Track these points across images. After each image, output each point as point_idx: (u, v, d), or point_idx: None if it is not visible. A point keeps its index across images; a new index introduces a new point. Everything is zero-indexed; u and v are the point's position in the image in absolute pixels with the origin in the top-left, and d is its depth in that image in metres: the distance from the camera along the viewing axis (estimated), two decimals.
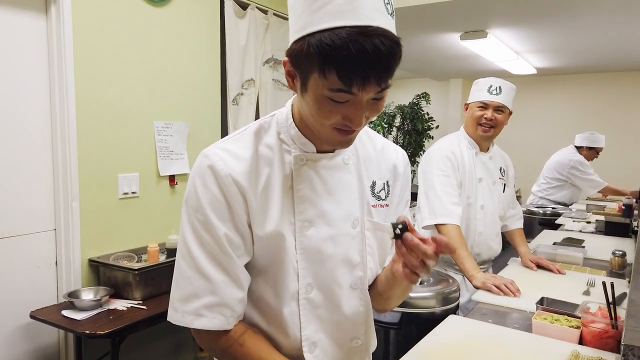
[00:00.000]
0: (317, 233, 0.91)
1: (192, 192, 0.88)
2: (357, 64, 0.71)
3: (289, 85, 0.85)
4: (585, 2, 3.32)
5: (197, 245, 0.87)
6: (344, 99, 0.76)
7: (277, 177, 0.90)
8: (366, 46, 0.71)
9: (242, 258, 0.89)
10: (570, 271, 2.10)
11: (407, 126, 6.90)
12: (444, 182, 2.07)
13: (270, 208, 0.89)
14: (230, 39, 3.08)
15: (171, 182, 2.76)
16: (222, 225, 0.86)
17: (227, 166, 0.86)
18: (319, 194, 0.92)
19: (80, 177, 2.29)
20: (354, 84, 0.73)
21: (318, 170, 0.92)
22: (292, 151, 0.91)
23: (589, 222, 3.25)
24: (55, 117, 2.24)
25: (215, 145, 0.91)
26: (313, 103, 0.79)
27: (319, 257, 0.92)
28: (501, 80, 2.12)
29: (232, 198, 0.86)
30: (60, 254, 2.30)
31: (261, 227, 0.88)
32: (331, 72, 0.73)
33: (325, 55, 0.72)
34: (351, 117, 0.79)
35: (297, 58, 0.78)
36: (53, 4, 2.18)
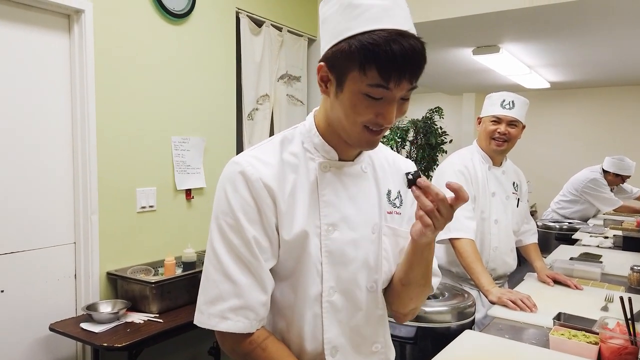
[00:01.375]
0: (341, 236, 0.96)
1: (223, 197, 0.92)
2: (396, 61, 0.80)
3: (321, 90, 0.92)
4: (598, 17, 3.33)
5: (225, 249, 0.90)
6: (380, 94, 0.83)
7: (302, 183, 0.95)
8: (404, 45, 0.80)
9: (268, 262, 0.92)
10: (587, 287, 2.08)
11: (421, 140, 6.90)
12: None
13: (297, 211, 0.93)
14: (246, 55, 3.14)
15: (187, 196, 2.80)
16: (251, 228, 0.90)
17: (257, 171, 0.91)
18: (342, 199, 0.96)
19: (99, 191, 2.34)
20: (391, 80, 0.81)
21: (340, 177, 0.97)
22: (316, 158, 0.96)
23: (607, 237, 3.21)
24: (76, 133, 2.29)
25: (244, 154, 0.96)
26: (349, 101, 0.85)
27: (342, 260, 0.96)
28: (514, 94, 2.13)
29: (262, 202, 0.90)
30: (79, 267, 2.34)
31: (288, 230, 0.92)
32: (371, 69, 0.81)
33: (367, 52, 0.80)
34: (384, 114, 0.85)
35: (335, 59, 0.86)
36: (76, 23, 2.25)
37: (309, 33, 3.68)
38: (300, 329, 0.96)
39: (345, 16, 0.85)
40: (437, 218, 0.87)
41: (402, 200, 1.08)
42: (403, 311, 1.08)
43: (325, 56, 0.89)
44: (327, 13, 0.90)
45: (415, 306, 1.07)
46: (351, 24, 0.84)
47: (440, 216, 0.87)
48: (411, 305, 1.06)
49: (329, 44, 0.88)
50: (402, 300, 1.05)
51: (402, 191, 1.09)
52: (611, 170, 4.25)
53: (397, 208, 1.06)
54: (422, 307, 1.62)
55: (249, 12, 3.14)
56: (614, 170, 4.24)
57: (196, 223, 2.85)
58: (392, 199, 1.06)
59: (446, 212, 0.87)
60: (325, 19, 0.90)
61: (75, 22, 2.25)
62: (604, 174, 4.28)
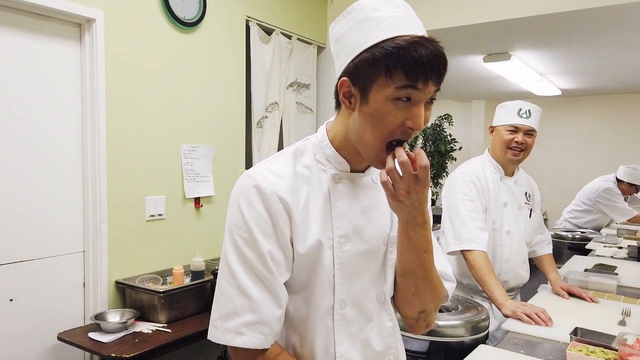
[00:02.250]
0: (354, 248, 0.95)
1: (236, 211, 0.91)
2: (422, 62, 0.81)
3: (345, 106, 0.91)
4: (609, 24, 3.29)
5: (239, 263, 0.89)
6: (408, 94, 0.83)
7: (315, 195, 0.94)
8: (428, 47, 0.82)
9: (282, 276, 0.91)
10: (603, 299, 2.03)
11: (430, 147, 6.86)
12: (468, 207, 2.04)
13: (311, 224, 0.92)
14: (255, 63, 3.14)
15: (196, 204, 2.79)
16: (265, 241, 0.89)
17: (271, 184, 0.90)
18: (354, 211, 0.96)
19: (108, 199, 2.33)
20: (418, 80, 0.82)
21: (352, 188, 0.97)
22: (328, 170, 0.96)
23: (621, 247, 3.15)
24: (86, 141, 2.30)
25: (257, 167, 0.95)
26: (376, 112, 0.85)
27: (353, 272, 0.95)
28: (529, 103, 2.10)
29: (277, 215, 0.89)
30: (88, 276, 2.33)
31: (303, 243, 0.91)
32: (397, 72, 0.81)
33: (392, 56, 0.81)
34: (413, 117, 0.84)
35: (357, 71, 0.86)
36: (87, 32, 2.26)
37: (318, 41, 3.67)
38: (312, 343, 0.94)
39: (362, 29, 0.86)
40: (397, 179, 0.85)
41: None
42: (411, 314, 1.02)
43: (346, 70, 0.89)
44: (341, 31, 0.90)
45: (423, 308, 1.01)
46: (370, 35, 0.85)
47: (399, 178, 0.85)
48: (418, 306, 1.00)
49: (347, 58, 0.88)
50: (406, 297, 1.01)
51: None
52: (625, 180, 4.18)
53: None
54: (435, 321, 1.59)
55: (258, 21, 3.14)
56: (628, 180, 4.17)
57: (205, 231, 2.84)
58: None
59: (406, 176, 0.84)
60: (340, 37, 0.91)
61: (86, 31, 2.26)
62: (618, 183, 4.22)
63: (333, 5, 3.75)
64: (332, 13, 3.75)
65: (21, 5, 2.04)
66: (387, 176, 0.86)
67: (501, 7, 3.14)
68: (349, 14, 0.90)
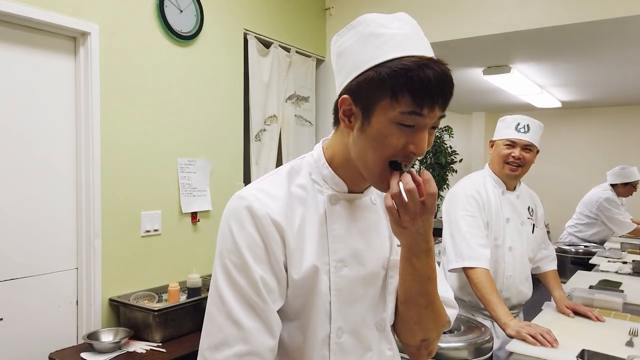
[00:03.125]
0: (351, 273, 0.90)
1: (227, 234, 0.86)
2: (429, 86, 0.77)
3: (344, 125, 0.87)
4: (609, 37, 3.27)
5: (230, 290, 0.84)
6: (413, 122, 0.79)
7: (311, 217, 0.89)
8: (437, 70, 0.77)
9: (275, 303, 0.86)
10: (609, 318, 1.98)
11: (430, 160, 6.82)
12: (470, 223, 2.00)
13: (306, 248, 0.87)
14: (254, 76, 3.12)
15: (193, 219, 2.75)
16: (258, 267, 0.84)
17: (264, 206, 0.85)
18: (352, 234, 0.91)
19: (103, 215, 2.29)
20: (425, 106, 0.78)
21: (350, 210, 0.92)
22: (325, 191, 0.91)
23: (625, 262, 3.10)
24: (80, 156, 2.26)
25: (250, 187, 0.90)
26: (378, 134, 0.81)
27: (351, 299, 0.90)
28: (529, 117, 2.07)
29: (270, 239, 0.84)
30: (81, 293, 2.28)
31: (297, 268, 0.86)
32: (404, 95, 0.77)
33: (399, 78, 0.77)
34: (417, 142, 0.81)
35: (361, 90, 0.82)
36: (82, 45, 2.23)
37: (317, 53, 3.65)
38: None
39: (367, 46, 0.82)
40: (402, 205, 0.81)
41: None
42: (413, 342, 0.99)
43: (348, 88, 0.84)
44: (345, 45, 0.87)
45: (425, 336, 0.97)
46: (376, 53, 0.81)
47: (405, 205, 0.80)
48: (420, 334, 0.97)
49: (350, 75, 0.84)
50: (407, 325, 0.97)
51: None
52: (618, 182, 4.19)
53: None
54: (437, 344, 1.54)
55: (256, 33, 3.13)
56: (621, 181, 4.18)
57: (202, 247, 2.79)
58: None
59: (411, 202, 0.80)
60: (343, 52, 0.87)
61: (81, 45, 2.23)
62: (614, 188, 4.21)
63: (332, 18, 3.74)
64: (331, 26, 3.74)
65: (14, 19, 2.01)
66: (392, 201, 0.82)
67: (501, 21, 3.13)
68: (353, 28, 0.86)
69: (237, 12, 2.99)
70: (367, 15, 0.86)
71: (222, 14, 2.89)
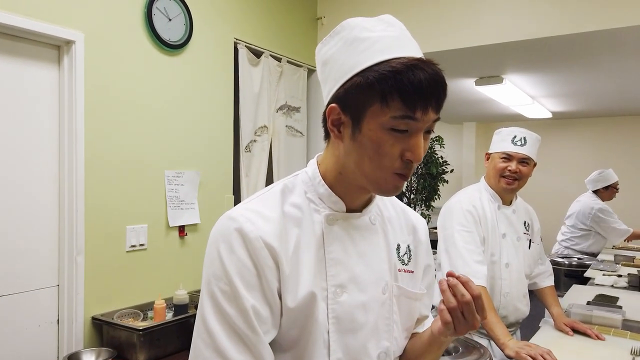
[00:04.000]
0: (350, 299, 0.83)
1: (216, 259, 0.79)
2: (421, 88, 0.73)
3: (333, 135, 0.82)
4: (601, 48, 3.27)
5: (217, 321, 0.76)
6: (406, 126, 0.76)
7: (307, 239, 0.83)
8: (427, 71, 0.73)
9: (267, 334, 0.79)
10: (609, 336, 1.93)
11: (421, 170, 6.79)
12: (466, 239, 1.94)
13: (302, 273, 0.81)
14: (244, 86, 3.06)
15: (181, 233, 2.67)
16: (249, 295, 0.77)
17: (256, 228, 0.78)
18: (350, 256, 0.85)
19: (86, 230, 2.20)
20: (417, 109, 0.74)
21: (349, 230, 0.86)
22: (321, 210, 0.85)
23: (620, 275, 3.07)
24: (63, 168, 2.17)
25: (240, 207, 0.83)
26: (371, 142, 0.77)
27: (351, 327, 0.83)
28: (525, 130, 2.02)
29: (263, 264, 0.77)
30: (62, 312, 2.18)
31: (292, 295, 0.79)
32: (394, 99, 0.73)
33: (388, 81, 0.73)
34: (413, 148, 0.77)
35: (348, 97, 0.77)
36: (66, 55, 2.16)
37: (308, 63, 3.60)
38: None
39: (352, 51, 0.78)
40: (458, 319, 0.79)
41: (410, 256, 0.97)
42: None
43: (335, 96, 0.80)
44: (329, 53, 0.82)
45: None
46: (362, 57, 0.77)
47: (462, 318, 0.79)
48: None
49: (337, 83, 0.80)
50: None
51: (412, 246, 0.98)
52: (599, 187, 4.22)
53: (405, 265, 0.95)
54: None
55: (247, 43, 3.07)
56: (601, 185, 4.21)
57: (190, 261, 2.70)
58: (401, 254, 0.95)
59: (470, 316, 0.79)
60: (328, 60, 0.83)
61: (65, 54, 2.16)
62: (598, 195, 4.22)
63: (324, 27, 3.71)
64: (322, 35, 3.69)
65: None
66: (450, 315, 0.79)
67: (493, 31, 3.11)
68: (337, 34, 0.82)
69: (227, 21, 2.94)
70: (350, 19, 0.82)
71: (212, 22, 2.83)
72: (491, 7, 3.10)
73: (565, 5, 2.87)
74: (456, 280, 0.79)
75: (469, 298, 0.77)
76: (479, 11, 3.14)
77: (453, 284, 0.79)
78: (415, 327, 1.00)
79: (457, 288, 0.78)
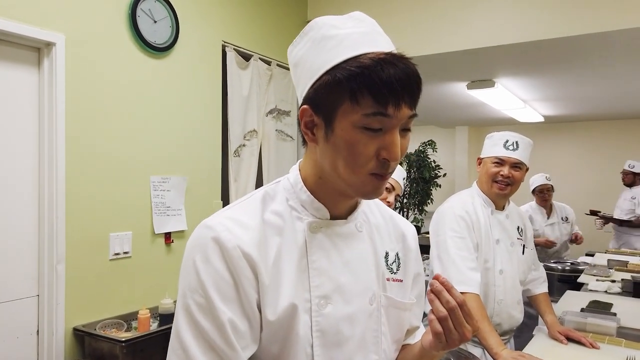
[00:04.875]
0: (335, 311, 0.79)
1: (191, 269, 0.74)
2: (391, 83, 0.70)
3: (307, 138, 0.79)
4: (592, 52, 3.26)
5: (192, 336, 0.72)
6: (379, 124, 0.72)
7: (288, 248, 0.79)
8: (397, 65, 0.70)
9: (246, 350, 0.74)
10: (603, 344, 1.88)
11: (414, 174, 6.77)
12: (458, 245, 1.89)
13: (283, 284, 0.76)
14: (233, 90, 3.00)
15: (167, 240, 2.60)
16: (226, 308, 0.72)
17: (234, 237, 0.74)
18: (335, 266, 0.81)
19: (67, 237, 2.14)
20: (389, 104, 0.70)
21: (333, 238, 0.82)
22: (304, 218, 0.81)
23: (614, 280, 3.04)
24: (43, 173, 2.11)
25: (218, 215, 0.79)
26: (344, 142, 0.73)
27: (337, 340, 0.79)
28: (518, 134, 1.99)
29: (241, 275, 0.73)
30: (42, 323, 2.11)
31: (273, 307, 0.75)
32: (364, 95, 0.70)
33: (356, 78, 0.70)
34: (388, 146, 0.73)
35: (318, 97, 0.75)
36: (46, 57, 2.10)
37: None
38: None
39: (321, 50, 0.75)
40: (449, 329, 0.75)
41: (399, 265, 0.92)
42: None
43: (306, 97, 0.77)
44: (299, 55, 0.80)
45: None
46: (330, 55, 0.74)
47: (453, 329, 0.75)
48: None
49: (307, 84, 0.77)
50: None
51: (401, 254, 0.94)
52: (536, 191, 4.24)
53: (394, 274, 0.91)
54: None
55: (235, 46, 3.02)
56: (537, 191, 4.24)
57: (176, 270, 2.62)
58: (390, 263, 0.91)
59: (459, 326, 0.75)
60: (298, 62, 0.80)
61: (45, 56, 2.10)
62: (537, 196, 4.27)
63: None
64: None
65: None
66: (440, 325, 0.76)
67: (485, 34, 3.08)
68: (305, 35, 0.79)
69: (215, 23, 2.88)
70: (318, 18, 0.79)
71: (199, 25, 2.78)
72: (482, 10, 3.08)
73: (556, 9, 2.85)
74: (441, 287, 0.76)
75: (454, 304, 0.74)
76: (470, 14, 3.11)
77: (438, 290, 0.75)
78: (406, 338, 0.96)
79: (442, 295, 0.75)
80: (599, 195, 6.65)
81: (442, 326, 0.75)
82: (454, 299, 0.75)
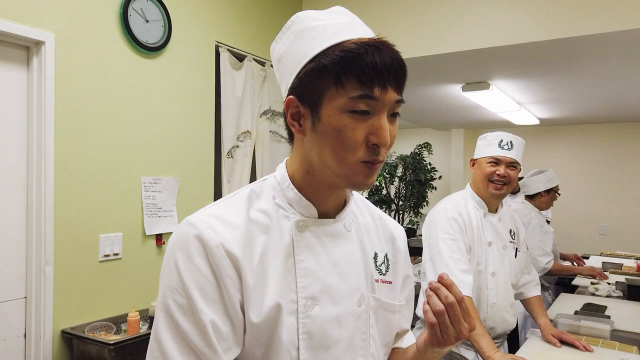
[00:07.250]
0: (323, 313, 0.77)
1: (172, 268, 0.72)
2: (375, 65, 0.70)
3: (294, 130, 0.77)
4: (588, 54, 3.25)
5: (172, 337, 0.69)
6: (366, 106, 0.71)
7: (274, 247, 0.76)
8: (382, 48, 0.71)
9: (229, 352, 0.71)
10: (597, 347, 1.87)
11: (410, 176, 6.75)
12: (451, 247, 1.88)
13: (268, 284, 0.74)
14: (226, 90, 2.98)
15: (158, 241, 2.57)
16: (208, 309, 0.70)
17: (217, 235, 0.72)
18: (323, 266, 0.79)
19: (55, 238, 2.10)
20: (374, 86, 0.70)
21: (321, 237, 0.80)
22: (291, 216, 0.79)
23: (609, 283, 3.03)
24: (31, 173, 2.08)
25: (201, 212, 0.76)
26: (332, 129, 0.72)
27: (324, 343, 0.76)
28: (511, 134, 1.98)
29: (224, 274, 0.71)
30: (30, 326, 2.08)
31: (258, 309, 0.72)
32: (349, 79, 0.70)
33: (340, 62, 0.70)
34: (376, 131, 0.72)
35: (303, 85, 0.74)
36: (35, 56, 2.07)
37: None
38: None
39: (303, 41, 0.76)
40: (445, 324, 0.74)
41: (388, 266, 0.90)
42: None
43: (291, 88, 0.76)
44: (282, 49, 0.80)
45: None
46: (312, 45, 0.74)
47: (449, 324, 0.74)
48: None
49: (292, 75, 0.77)
50: None
51: (390, 256, 0.92)
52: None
53: (383, 275, 0.89)
54: None
55: (229, 46, 3.00)
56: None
57: None
58: (379, 264, 0.89)
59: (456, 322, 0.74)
60: (281, 57, 0.80)
61: (34, 55, 2.07)
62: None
63: None
64: None
65: None
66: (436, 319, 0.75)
67: (480, 36, 3.07)
68: (288, 29, 0.79)
69: (208, 23, 2.86)
70: (299, 13, 0.79)
71: (192, 25, 2.76)
72: (477, 12, 3.07)
73: (551, 11, 2.84)
74: (439, 284, 0.75)
75: (452, 300, 0.73)
76: (464, 16, 3.10)
77: (436, 287, 0.75)
78: (395, 341, 0.94)
79: (441, 290, 0.74)
80: (593, 199, 6.66)
81: (438, 320, 0.74)
82: (453, 296, 0.74)
